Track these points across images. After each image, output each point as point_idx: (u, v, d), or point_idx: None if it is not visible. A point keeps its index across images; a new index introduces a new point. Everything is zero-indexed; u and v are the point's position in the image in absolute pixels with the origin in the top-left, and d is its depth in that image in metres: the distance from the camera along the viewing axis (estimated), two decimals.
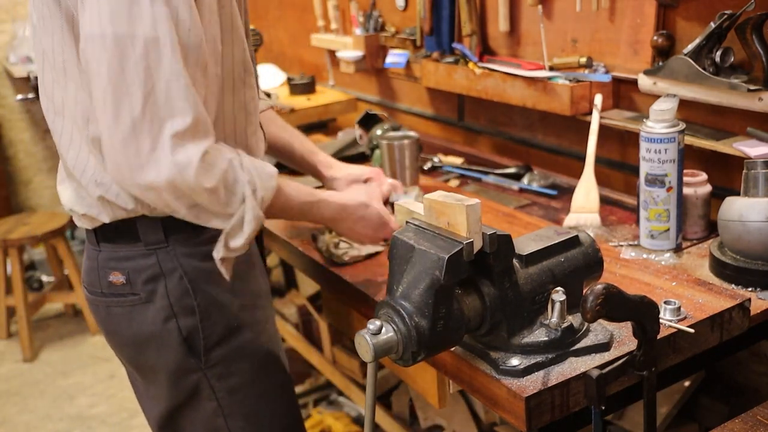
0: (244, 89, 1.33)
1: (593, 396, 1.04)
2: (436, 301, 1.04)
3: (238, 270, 1.38)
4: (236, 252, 1.26)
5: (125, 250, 1.33)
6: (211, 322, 1.36)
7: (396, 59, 2.58)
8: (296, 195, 1.35)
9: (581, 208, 1.69)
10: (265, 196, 1.23)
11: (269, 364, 1.44)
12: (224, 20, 1.24)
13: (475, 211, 1.06)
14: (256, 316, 1.43)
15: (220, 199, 1.20)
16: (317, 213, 1.41)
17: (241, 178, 1.21)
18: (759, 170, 1.39)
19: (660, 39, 1.72)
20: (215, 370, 1.37)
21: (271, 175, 1.26)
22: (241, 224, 1.23)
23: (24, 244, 3.60)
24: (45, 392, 3.32)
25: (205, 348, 1.36)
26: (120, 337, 1.39)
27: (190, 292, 1.33)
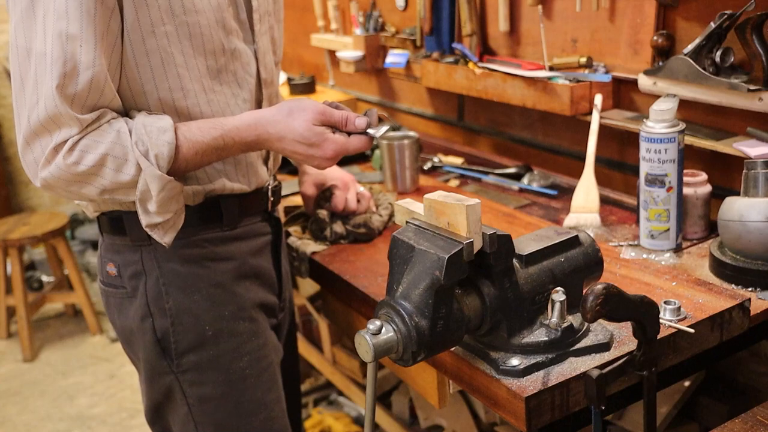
0: (231, 61, 1.32)
1: (593, 396, 1.04)
2: (436, 301, 1.04)
3: (221, 278, 1.37)
4: (159, 216, 1.23)
5: (118, 242, 1.36)
6: (183, 328, 1.35)
7: (396, 59, 2.58)
8: (202, 136, 1.25)
9: (581, 208, 1.69)
10: (159, 152, 1.19)
11: (248, 378, 1.40)
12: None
13: (475, 211, 1.06)
14: (238, 328, 1.39)
15: (109, 174, 1.18)
16: (236, 141, 1.28)
17: (127, 144, 1.18)
18: (759, 170, 1.39)
19: (660, 39, 1.72)
20: (187, 375, 1.37)
21: (163, 128, 1.21)
22: (148, 188, 1.20)
23: (24, 244, 3.60)
24: (45, 392, 3.32)
25: (176, 352, 1.35)
26: (115, 326, 1.43)
27: (163, 295, 1.34)
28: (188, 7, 1.22)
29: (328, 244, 1.69)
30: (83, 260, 4.37)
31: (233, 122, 1.28)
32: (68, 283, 3.85)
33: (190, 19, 1.23)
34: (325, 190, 1.75)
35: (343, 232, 1.69)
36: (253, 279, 1.43)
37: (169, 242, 1.27)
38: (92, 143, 1.17)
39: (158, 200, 1.21)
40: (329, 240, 1.69)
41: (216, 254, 1.37)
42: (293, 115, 1.28)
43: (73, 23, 1.12)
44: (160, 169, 1.19)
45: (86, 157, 1.17)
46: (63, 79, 1.13)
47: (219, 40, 1.28)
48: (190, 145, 1.23)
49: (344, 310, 1.69)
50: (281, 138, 1.28)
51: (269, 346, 1.45)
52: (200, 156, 1.25)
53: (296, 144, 1.28)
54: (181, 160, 1.22)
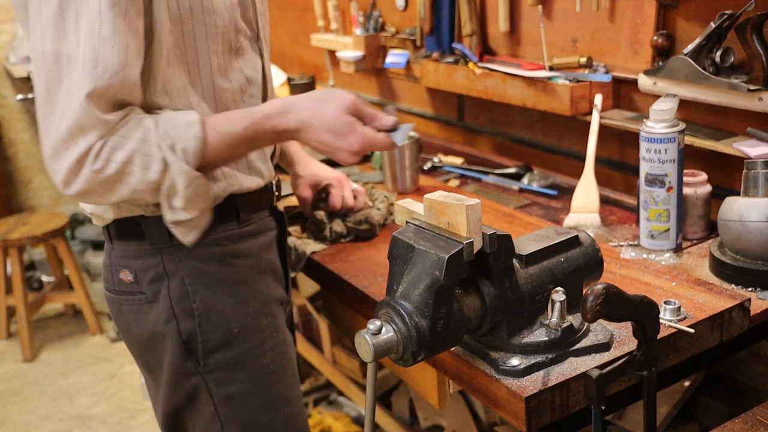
0: (238, 59, 1.33)
1: (593, 396, 1.04)
2: (436, 301, 1.04)
3: (244, 276, 1.37)
4: (184, 213, 1.22)
5: (133, 248, 1.33)
6: (210, 327, 1.34)
7: (396, 59, 2.58)
8: (231, 126, 1.24)
9: (581, 208, 1.69)
10: (186, 146, 1.18)
11: (272, 374, 1.40)
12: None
13: (475, 211, 1.06)
14: (261, 324, 1.39)
15: (138, 172, 1.17)
16: (267, 130, 1.26)
17: (153, 140, 1.17)
18: (759, 170, 1.39)
19: (660, 39, 1.72)
20: (213, 375, 1.36)
21: (190, 122, 1.20)
22: (174, 183, 1.19)
23: (24, 244, 3.60)
24: (45, 392, 3.32)
25: (204, 352, 1.34)
26: (129, 334, 1.40)
27: (189, 295, 1.32)
28: (207, 7, 1.24)
29: (328, 244, 1.69)
30: (83, 260, 4.37)
31: (263, 110, 1.26)
32: (68, 283, 3.85)
33: (207, 19, 1.24)
34: (321, 191, 1.75)
35: (344, 231, 1.69)
36: (269, 274, 1.43)
37: (192, 242, 1.27)
38: (120, 140, 1.16)
39: (185, 195, 1.20)
40: (329, 239, 1.69)
41: (236, 251, 1.36)
42: (325, 101, 1.26)
43: (106, 24, 1.11)
44: (187, 163, 1.18)
45: (115, 154, 1.15)
46: (95, 81, 1.12)
47: (229, 39, 1.29)
48: (221, 138, 1.22)
49: (344, 310, 1.69)
50: (310, 125, 1.25)
51: (287, 341, 1.46)
52: (231, 148, 1.24)
53: (324, 132, 1.25)
54: (211, 154, 1.22)
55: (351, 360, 2.43)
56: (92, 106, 1.12)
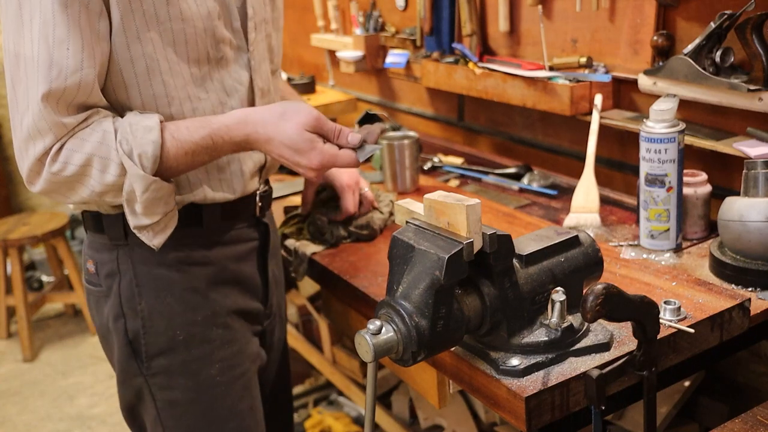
0: (218, 69, 1.29)
1: (593, 396, 1.04)
2: (436, 301, 1.04)
3: (197, 283, 1.34)
4: (146, 218, 1.21)
5: (98, 240, 1.35)
6: (154, 331, 1.33)
7: (396, 59, 2.58)
8: (190, 135, 1.21)
9: (581, 208, 1.69)
10: (143, 152, 1.16)
11: (218, 386, 1.37)
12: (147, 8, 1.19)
13: (475, 211, 1.06)
14: (210, 334, 1.36)
15: (96, 174, 1.17)
16: (225, 140, 1.24)
17: (112, 144, 1.16)
18: (759, 170, 1.39)
19: (660, 39, 1.72)
20: (156, 379, 1.35)
21: (149, 127, 1.18)
22: (132, 188, 1.18)
23: (24, 244, 3.60)
24: (45, 392, 3.32)
25: (147, 355, 1.34)
26: (94, 324, 1.42)
27: (135, 296, 1.32)
28: (174, 14, 1.21)
29: (327, 245, 1.68)
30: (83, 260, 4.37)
31: (222, 120, 1.25)
32: (68, 283, 3.85)
33: (175, 26, 1.21)
34: (320, 191, 1.74)
35: (345, 234, 1.69)
36: (232, 285, 1.40)
37: (158, 245, 1.25)
38: (78, 143, 1.16)
39: (143, 201, 1.19)
40: (330, 242, 1.68)
41: (193, 258, 1.34)
42: (285, 116, 1.25)
43: (60, 26, 1.11)
44: (144, 169, 1.17)
45: (73, 157, 1.16)
46: (49, 83, 1.12)
47: (205, 49, 1.26)
48: (179, 145, 1.20)
49: (344, 310, 1.69)
50: (269, 139, 1.24)
51: (245, 354, 1.42)
52: (191, 156, 1.22)
53: (284, 148, 1.24)
54: (170, 160, 1.20)
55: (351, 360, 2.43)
56: (48, 109, 1.13)
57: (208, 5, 1.24)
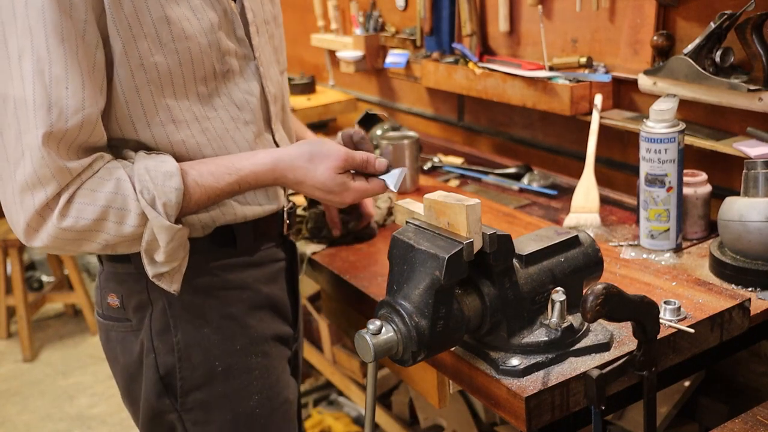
0: (225, 83, 1.22)
1: (593, 396, 1.04)
2: (436, 301, 1.04)
3: (234, 310, 1.27)
4: (166, 265, 1.14)
5: (121, 270, 1.25)
6: (191, 364, 1.25)
7: (396, 59, 2.58)
8: (215, 182, 1.16)
9: (581, 208, 1.69)
10: (167, 200, 1.09)
11: (258, 418, 1.30)
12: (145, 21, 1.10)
13: (475, 211, 1.06)
14: (249, 363, 1.29)
15: (112, 228, 1.09)
16: (251, 185, 1.21)
17: (129, 193, 1.08)
18: (759, 170, 1.39)
19: (660, 39, 1.72)
20: (192, 414, 1.27)
21: (169, 173, 1.10)
22: (155, 238, 1.10)
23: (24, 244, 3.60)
24: (45, 392, 3.32)
25: (182, 390, 1.25)
26: (116, 363, 1.32)
27: (170, 327, 1.24)
28: (177, 34, 1.13)
29: (327, 244, 1.68)
30: (83, 260, 4.37)
31: (250, 166, 1.19)
32: (68, 283, 3.85)
33: (179, 46, 1.13)
34: None
35: (343, 232, 1.69)
36: (267, 309, 1.32)
37: (177, 290, 1.17)
38: (90, 194, 1.07)
39: (167, 251, 1.11)
40: (330, 239, 1.68)
41: (228, 283, 1.27)
42: (315, 161, 1.21)
43: (56, 64, 1.01)
44: (169, 218, 1.09)
45: (85, 210, 1.06)
46: (50, 127, 1.02)
47: (211, 64, 1.18)
48: (203, 192, 1.14)
49: (344, 310, 1.69)
50: (300, 183, 1.22)
51: (282, 382, 1.35)
52: (213, 200, 1.17)
53: (315, 190, 1.23)
54: (192, 205, 1.14)
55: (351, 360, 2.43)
56: (51, 154, 1.02)
57: (209, 17, 1.17)
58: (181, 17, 1.13)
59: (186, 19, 1.14)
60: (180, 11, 1.13)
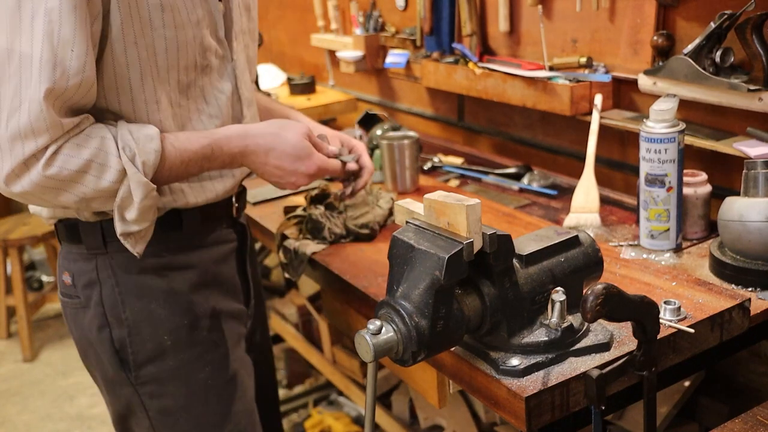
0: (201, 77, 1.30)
1: (593, 396, 1.04)
2: (436, 301, 1.04)
3: (180, 287, 1.34)
4: (135, 225, 1.21)
5: (74, 250, 1.33)
6: (141, 338, 1.32)
7: (396, 59, 2.58)
8: (190, 144, 1.24)
9: (581, 208, 1.69)
10: (146, 159, 1.17)
11: (210, 389, 1.37)
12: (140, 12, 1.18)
13: (475, 211, 1.06)
14: (197, 337, 1.35)
15: (91, 180, 1.15)
16: (224, 151, 1.27)
17: (112, 150, 1.15)
18: (759, 170, 1.39)
19: (660, 39, 1.72)
20: (146, 387, 1.34)
21: (150, 136, 1.19)
22: (130, 194, 1.17)
23: (24, 244, 3.60)
24: (45, 392, 3.32)
25: (135, 363, 1.32)
26: (73, 337, 1.40)
27: (119, 304, 1.31)
28: (168, 21, 1.21)
29: (327, 244, 1.68)
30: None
31: (223, 131, 1.29)
32: None
33: (168, 33, 1.21)
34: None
35: (343, 232, 1.69)
36: (215, 287, 1.40)
37: (140, 252, 1.25)
38: (76, 148, 1.14)
39: (140, 207, 1.18)
40: (329, 240, 1.68)
41: (175, 263, 1.34)
42: (285, 128, 1.33)
43: (66, 26, 1.09)
44: (146, 175, 1.17)
45: (69, 161, 1.13)
46: (53, 84, 1.09)
47: (194, 56, 1.26)
48: (177, 154, 1.22)
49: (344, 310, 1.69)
50: (270, 149, 1.30)
51: (234, 356, 1.41)
52: (185, 165, 1.24)
53: (285, 156, 1.31)
54: (165, 169, 1.21)
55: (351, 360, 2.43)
56: (49, 108, 1.10)
57: (198, 13, 1.25)
58: (173, 7, 1.21)
59: (177, 10, 1.22)
60: (173, 2, 1.21)
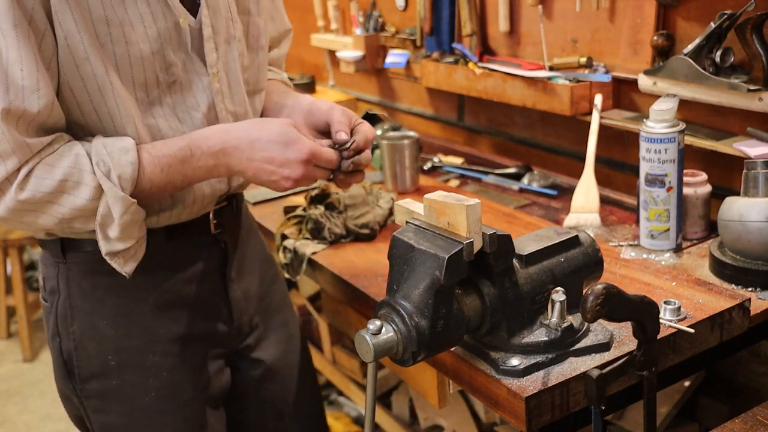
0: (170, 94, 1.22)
1: (593, 396, 1.04)
2: (436, 301, 1.04)
3: (135, 308, 1.29)
4: (120, 243, 1.16)
5: (45, 254, 1.32)
6: (87, 354, 1.29)
7: (396, 59, 2.58)
8: (167, 148, 1.17)
9: (581, 208, 1.69)
10: (122, 173, 1.12)
11: (153, 414, 1.32)
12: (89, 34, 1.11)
13: (475, 211, 1.06)
14: (146, 361, 1.31)
15: (67, 200, 1.12)
16: (204, 150, 1.18)
17: (86, 167, 1.11)
18: (759, 170, 1.39)
19: (660, 39, 1.72)
20: (91, 402, 1.32)
21: (125, 148, 1.13)
22: (110, 211, 1.13)
23: (24, 244, 3.60)
24: (45, 392, 3.32)
25: (80, 377, 1.30)
26: None
27: (68, 317, 1.29)
28: (117, 37, 1.13)
29: (327, 244, 1.68)
30: None
31: (201, 131, 1.21)
32: None
33: (118, 49, 1.14)
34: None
35: (343, 232, 1.69)
36: (181, 308, 1.33)
37: (129, 272, 1.20)
38: (48, 168, 1.10)
39: (121, 224, 1.13)
40: (329, 240, 1.68)
41: (131, 283, 1.26)
42: (267, 120, 1.23)
43: (10, 46, 1.04)
44: (123, 190, 1.12)
45: (43, 183, 1.09)
46: (9, 104, 1.05)
47: (153, 72, 1.18)
48: (155, 162, 1.15)
49: (344, 310, 1.69)
50: (254, 140, 1.19)
51: (191, 381, 1.35)
52: (165, 173, 1.16)
53: (272, 144, 1.18)
54: (145, 181, 1.15)
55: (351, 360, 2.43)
56: (11, 130, 1.06)
57: (158, 27, 1.17)
58: (123, 21, 1.14)
59: (129, 24, 1.14)
60: (124, 15, 1.14)
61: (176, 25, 1.20)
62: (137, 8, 1.15)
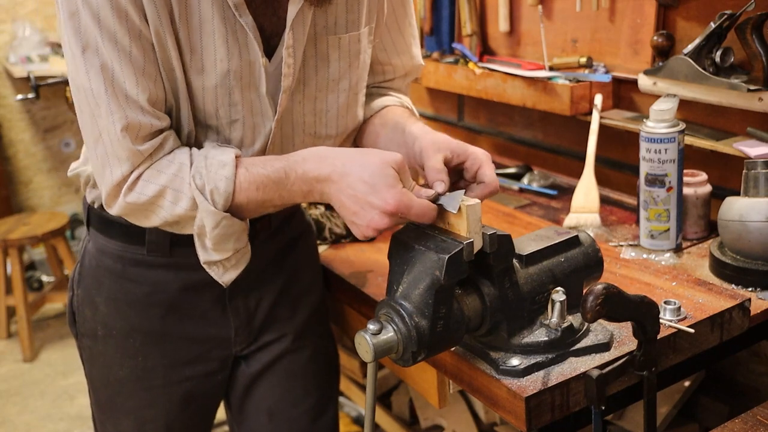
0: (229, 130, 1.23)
1: (593, 396, 1.04)
2: (436, 301, 1.04)
3: (127, 298, 1.36)
4: (216, 254, 1.19)
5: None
6: (83, 316, 1.42)
7: None
8: (263, 168, 1.15)
9: (581, 208, 1.69)
10: (215, 187, 1.13)
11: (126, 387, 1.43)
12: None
13: (475, 211, 1.06)
14: (126, 344, 1.39)
15: (167, 206, 1.16)
16: (299, 174, 1.14)
17: (186, 178, 1.14)
18: (759, 170, 1.39)
19: (660, 39, 1.72)
20: (84, 352, 1.46)
21: (223, 162, 1.14)
22: (203, 223, 1.16)
23: (24, 244, 3.60)
24: (45, 392, 3.32)
25: (79, 331, 1.44)
26: None
27: (78, 278, 1.41)
28: (196, 66, 1.17)
29: (327, 244, 1.68)
30: None
31: (300, 154, 1.16)
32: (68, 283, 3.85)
33: (195, 79, 1.18)
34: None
35: (343, 232, 1.69)
36: (175, 311, 1.37)
37: (228, 282, 1.24)
38: (155, 174, 1.15)
39: (213, 237, 1.16)
40: (329, 240, 1.69)
41: (127, 274, 1.34)
42: (368, 153, 1.12)
43: (113, 58, 1.09)
44: (215, 205, 1.13)
45: (147, 187, 1.15)
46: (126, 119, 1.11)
47: (214, 107, 1.20)
48: (251, 179, 1.14)
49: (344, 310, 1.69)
50: (348, 173, 1.09)
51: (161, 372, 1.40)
52: (261, 192, 1.15)
53: (360, 183, 1.08)
54: (241, 197, 1.15)
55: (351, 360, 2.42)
56: (126, 139, 1.12)
57: (231, 64, 1.17)
58: (205, 51, 1.16)
59: (207, 55, 1.17)
60: (197, 42, 1.16)
61: (250, 64, 1.19)
62: (214, 42, 1.16)
